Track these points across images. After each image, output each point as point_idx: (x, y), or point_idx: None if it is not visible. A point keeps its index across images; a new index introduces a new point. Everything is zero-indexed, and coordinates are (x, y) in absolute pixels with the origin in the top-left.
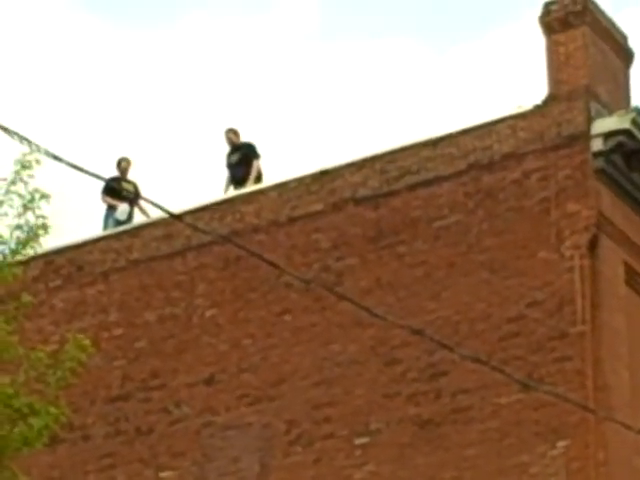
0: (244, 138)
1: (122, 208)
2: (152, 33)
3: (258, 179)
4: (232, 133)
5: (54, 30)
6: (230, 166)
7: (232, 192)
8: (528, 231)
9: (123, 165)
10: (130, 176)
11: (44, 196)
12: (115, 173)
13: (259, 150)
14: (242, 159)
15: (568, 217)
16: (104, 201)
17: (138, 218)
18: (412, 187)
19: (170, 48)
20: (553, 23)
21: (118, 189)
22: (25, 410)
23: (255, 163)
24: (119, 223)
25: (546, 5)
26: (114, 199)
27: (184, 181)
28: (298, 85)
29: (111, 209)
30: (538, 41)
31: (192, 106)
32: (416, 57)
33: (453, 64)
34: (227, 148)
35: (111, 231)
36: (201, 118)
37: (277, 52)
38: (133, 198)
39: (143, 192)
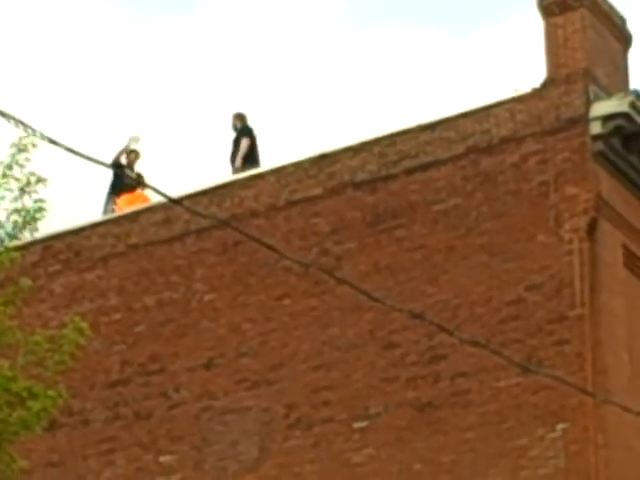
0: (250, 122)
1: None
2: (169, 22)
3: (253, 159)
4: (235, 118)
5: (67, 16)
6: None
7: (230, 177)
8: (527, 214)
9: (131, 157)
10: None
11: (40, 180)
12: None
13: (254, 131)
14: (235, 141)
15: (567, 200)
16: (107, 204)
17: None
18: (410, 171)
19: (186, 37)
20: (551, 6)
21: (121, 175)
22: (24, 394)
23: (244, 142)
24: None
25: None
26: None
27: (184, 167)
28: (307, 71)
29: (112, 193)
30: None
31: (201, 94)
32: (431, 44)
33: (466, 51)
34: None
35: (109, 216)
36: (207, 104)
37: (292, 39)
38: (136, 185)
39: (142, 174)
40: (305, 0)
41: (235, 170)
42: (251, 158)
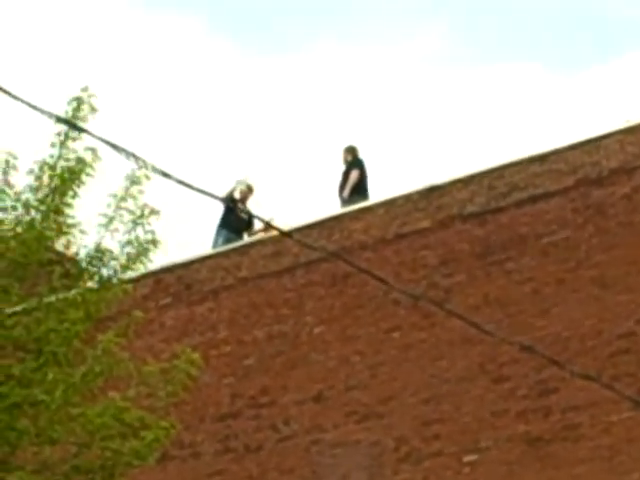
0: (361, 155)
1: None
2: (280, 59)
3: (362, 191)
4: (346, 152)
5: (181, 52)
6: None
7: (340, 209)
8: (638, 246)
9: (245, 192)
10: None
11: (153, 212)
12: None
13: (364, 164)
14: (345, 173)
15: None
16: (217, 237)
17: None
18: (520, 203)
19: (298, 75)
20: None
21: (233, 209)
22: (136, 424)
23: (354, 173)
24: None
25: None
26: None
27: (293, 200)
28: (416, 105)
29: (222, 227)
30: None
31: (310, 126)
32: (540, 81)
33: (577, 88)
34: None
35: (220, 249)
36: (317, 137)
37: (399, 77)
38: (246, 226)
39: (253, 209)
40: (414, 39)
41: (343, 201)
42: (360, 190)
